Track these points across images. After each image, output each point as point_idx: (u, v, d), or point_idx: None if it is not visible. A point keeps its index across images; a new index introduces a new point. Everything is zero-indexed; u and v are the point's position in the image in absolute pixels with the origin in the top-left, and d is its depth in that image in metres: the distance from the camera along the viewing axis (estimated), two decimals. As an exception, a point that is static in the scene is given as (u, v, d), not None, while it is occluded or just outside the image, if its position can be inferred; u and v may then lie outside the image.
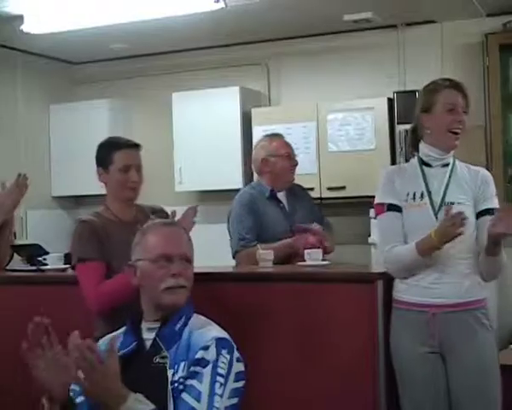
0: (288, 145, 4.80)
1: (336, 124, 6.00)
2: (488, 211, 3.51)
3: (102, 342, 2.84)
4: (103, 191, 3.80)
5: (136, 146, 3.79)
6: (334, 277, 3.90)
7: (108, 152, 3.74)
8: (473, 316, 3.48)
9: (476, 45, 5.90)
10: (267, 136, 4.92)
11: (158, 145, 6.77)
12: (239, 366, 2.80)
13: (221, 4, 5.20)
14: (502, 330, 5.33)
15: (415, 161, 3.64)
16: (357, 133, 5.87)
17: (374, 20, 5.88)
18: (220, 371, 2.72)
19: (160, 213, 3.82)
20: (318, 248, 4.33)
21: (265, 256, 4.19)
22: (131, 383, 2.60)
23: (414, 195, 3.53)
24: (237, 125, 6.36)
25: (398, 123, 5.66)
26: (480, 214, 3.51)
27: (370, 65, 6.25)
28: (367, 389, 3.63)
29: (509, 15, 5.72)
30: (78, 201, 7.43)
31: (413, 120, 3.68)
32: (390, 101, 5.91)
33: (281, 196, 4.74)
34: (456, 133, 3.55)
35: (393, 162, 5.60)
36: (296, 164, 4.79)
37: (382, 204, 3.58)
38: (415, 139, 3.66)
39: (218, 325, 2.89)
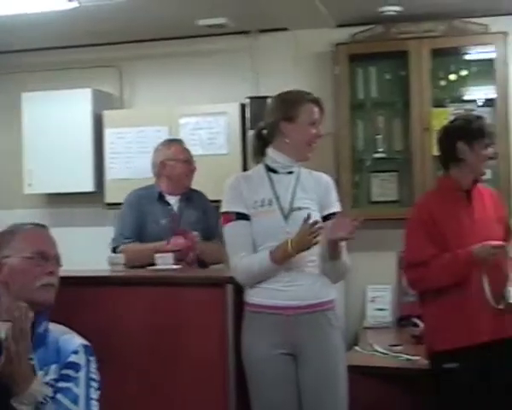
0: (186, 150, 4.94)
1: (189, 128, 5.99)
2: (333, 215, 3.60)
3: None
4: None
5: None
6: (184, 281, 3.92)
7: None
8: (324, 317, 3.57)
9: (326, 54, 6.02)
10: (167, 140, 5.10)
11: (6, 146, 6.61)
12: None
13: (74, 4, 5.10)
14: (348, 331, 5.47)
15: (260, 167, 3.68)
16: (209, 138, 5.88)
17: (227, 25, 5.90)
18: (93, 375, 2.75)
19: None
20: (187, 253, 4.53)
21: (116, 260, 4.16)
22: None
23: (262, 201, 3.56)
24: (89, 127, 6.25)
25: (250, 128, 5.70)
26: (324, 219, 3.58)
27: (224, 70, 6.27)
28: (217, 392, 3.67)
29: (358, 27, 5.87)
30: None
31: (266, 126, 3.70)
32: (243, 106, 5.95)
33: (173, 199, 4.86)
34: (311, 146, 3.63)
35: (245, 167, 5.65)
36: (194, 169, 4.91)
37: (230, 213, 3.59)
38: (262, 145, 3.70)
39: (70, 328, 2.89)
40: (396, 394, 4.43)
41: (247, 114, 5.87)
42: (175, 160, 4.85)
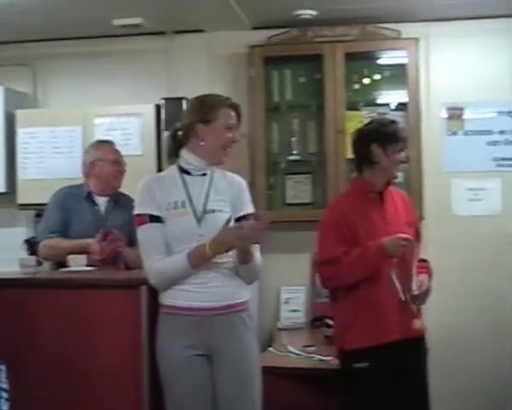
0: (116, 151, 4.95)
1: (103, 129, 5.93)
2: (245, 217, 3.61)
3: None
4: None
5: None
6: (97, 283, 3.88)
7: None
8: (239, 318, 3.57)
9: (242, 56, 6.04)
10: (98, 141, 5.12)
11: None
12: None
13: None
14: (262, 332, 5.51)
15: (174, 168, 3.66)
16: (123, 139, 5.82)
17: (143, 25, 5.87)
18: (2, 385, 2.67)
19: None
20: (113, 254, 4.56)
21: (27, 262, 4.11)
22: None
23: (176, 203, 3.54)
24: (0, 126, 6.14)
25: (165, 129, 5.68)
26: (238, 221, 3.59)
27: (139, 71, 6.24)
28: (132, 394, 3.66)
29: (274, 30, 5.91)
30: None
31: (182, 127, 3.67)
32: (158, 107, 5.93)
33: (101, 200, 4.87)
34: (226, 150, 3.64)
35: (160, 168, 5.63)
36: (123, 171, 4.92)
37: (142, 215, 3.56)
38: (178, 146, 3.69)
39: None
40: (309, 394, 4.47)
41: (162, 116, 5.85)
42: (104, 160, 4.85)
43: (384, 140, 4.02)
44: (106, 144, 5.00)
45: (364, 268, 3.93)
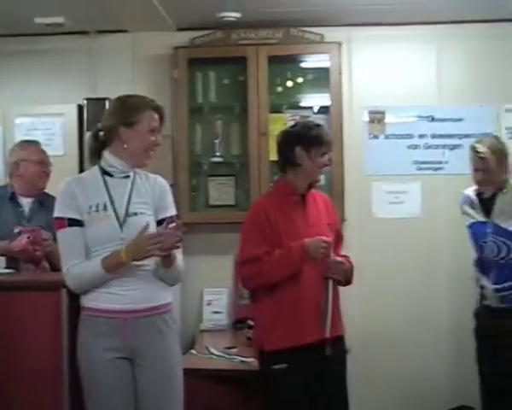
0: (41, 152, 4.90)
1: (24, 128, 5.86)
2: (168, 219, 3.59)
3: None
4: None
5: None
6: (17, 285, 3.82)
7: None
8: (161, 320, 3.56)
9: (166, 57, 6.02)
10: (23, 141, 5.05)
11: None
12: None
13: None
14: (184, 334, 5.50)
15: (95, 169, 3.62)
16: (45, 139, 5.74)
17: (66, 25, 5.80)
18: None
19: None
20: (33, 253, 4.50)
21: None
22: None
23: (97, 206, 3.49)
24: None
25: (87, 130, 5.62)
26: (160, 223, 3.57)
27: (62, 70, 6.16)
28: (52, 398, 3.61)
29: (198, 31, 5.91)
30: None
31: (103, 128, 3.62)
32: (80, 107, 5.87)
33: (25, 201, 4.82)
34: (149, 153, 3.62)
35: (82, 169, 5.57)
36: (49, 172, 4.87)
37: (62, 219, 3.51)
38: (99, 147, 3.65)
39: None
40: (231, 395, 4.49)
41: (85, 116, 5.79)
42: (28, 160, 4.80)
43: (308, 143, 4.06)
44: (31, 144, 4.94)
45: (286, 268, 3.96)
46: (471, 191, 4.81)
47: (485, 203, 4.71)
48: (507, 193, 4.68)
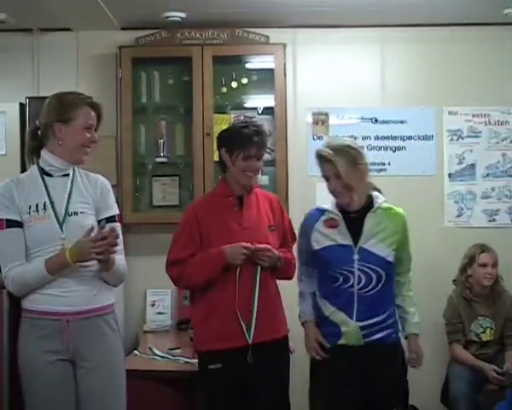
0: None
1: (-36, 127, 5.80)
2: (109, 219, 3.58)
3: None
4: None
5: None
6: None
7: None
8: (104, 321, 3.55)
9: (110, 57, 5.97)
10: None
11: None
12: None
13: None
14: (128, 335, 5.47)
15: (34, 169, 3.58)
16: (-13, 138, 5.72)
17: (7, 21, 5.73)
18: None
19: None
20: None
21: None
22: None
23: (37, 207, 3.46)
24: None
25: (29, 129, 5.56)
26: (101, 222, 3.55)
27: (4, 68, 6.06)
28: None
29: (142, 31, 5.88)
30: None
31: (40, 126, 3.59)
32: (22, 106, 5.81)
33: None
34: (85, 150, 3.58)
35: (24, 168, 5.51)
36: None
37: (0, 220, 3.46)
38: (38, 145, 3.60)
39: None
40: (174, 396, 4.49)
41: (27, 115, 5.73)
42: None
43: (230, 146, 4.03)
44: None
45: (205, 272, 3.95)
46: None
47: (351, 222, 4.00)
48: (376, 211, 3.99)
